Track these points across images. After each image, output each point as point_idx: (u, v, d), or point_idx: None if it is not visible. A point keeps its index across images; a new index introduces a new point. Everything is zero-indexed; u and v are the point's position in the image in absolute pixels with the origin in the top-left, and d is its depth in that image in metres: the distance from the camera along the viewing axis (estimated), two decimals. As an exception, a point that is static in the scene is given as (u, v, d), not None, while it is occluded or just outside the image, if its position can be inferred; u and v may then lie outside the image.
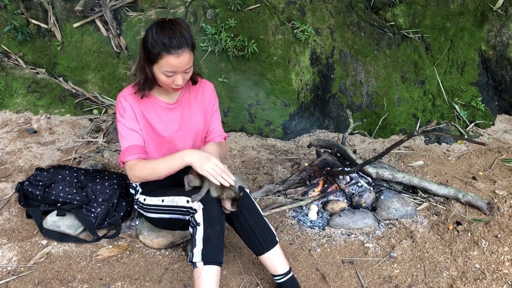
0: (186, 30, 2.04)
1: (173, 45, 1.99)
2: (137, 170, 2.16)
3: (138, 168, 2.15)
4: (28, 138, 3.55)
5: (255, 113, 3.82)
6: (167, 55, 2.01)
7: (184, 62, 2.04)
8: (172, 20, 2.06)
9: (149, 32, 2.04)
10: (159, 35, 2.00)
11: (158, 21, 2.06)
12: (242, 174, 3.33)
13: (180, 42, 2.00)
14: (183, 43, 2.01)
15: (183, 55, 2.02)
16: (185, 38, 2.02)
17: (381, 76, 3.95)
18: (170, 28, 2.01)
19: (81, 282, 2.28)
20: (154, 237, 2.52)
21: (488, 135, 4.01)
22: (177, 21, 2.07)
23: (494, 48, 4.30)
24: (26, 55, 4.01)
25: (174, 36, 1.99)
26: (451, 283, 2.33)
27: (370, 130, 3.95)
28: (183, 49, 2.01)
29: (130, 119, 2.20)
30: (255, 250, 2.20)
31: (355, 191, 3.00)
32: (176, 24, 2.03)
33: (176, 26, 2.02)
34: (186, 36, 2.02)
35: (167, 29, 2.01)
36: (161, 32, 2.00)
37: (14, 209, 2.78)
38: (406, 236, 2.69)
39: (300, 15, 3.81)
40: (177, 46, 2.00)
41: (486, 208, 2.83)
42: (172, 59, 2.02)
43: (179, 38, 2.00)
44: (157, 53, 2.01)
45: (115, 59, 3.92)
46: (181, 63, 2.04)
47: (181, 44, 2.00)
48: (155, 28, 2.02)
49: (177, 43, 2.00)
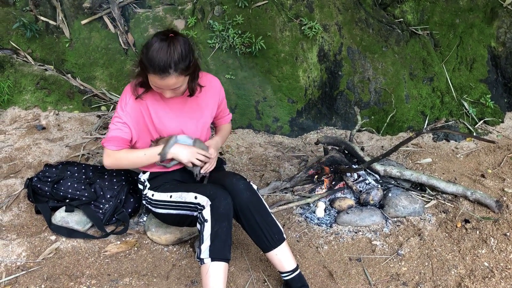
0: (181, 55, 2.01)
1: (158, 69, 2.00)
2: (115, 159, 2.26)
3: (117, 157, 2.25)
4: (36, 134, 3.58)
5: (262, 110, 3.82)
6: (152, 74, 2.05)
7: (168, 84, 2.07)
8: (173, 39, 2.02)
9: (148, 44, 2.04)
10: (150, 54, 2.00)
11: (159, 36, 2.04)
12: (249, 171, 3.33)
13: (166, 67, 2.00)
14: (170, 68, 2.00)
15: (167, 78, 2.04)
16: (174, 63, 2.00)
17: (389, 73, 3.93)
18: (163, 50, 1.99)
19: (89, 277, 2.30)
20: (161, 234, 2.53)
21: (497, 133, 3.98)
22: (176, 42, 2.02)
23: (503, 45, 4.26)
24: (35, 52, 4.03)
25: (162, 60, 1.98)
26: (459, 281, 2.32)
27: (378, 127, 3.93)
28: (168, 74, 2.02)
29: (129, 115, 2.24)
30: (262, 246, 2.20)
31: (363, 189, 3.00)
32: (172, 47, 2.00)
33: (171, 49, 1.99)
34: (177, 61, 2.00)
35: (161, 50, 1.99)
36: (153, 51, 2.00)
37: (23, 205, 2.80)
38: (414, 234, 2.68)
39: (308, 12, 3.79)
40: (162, 70, 2.01)
41: (495, 206, 2.81)
42: (156, 79, 2.06)
43: (167, 63, 1.99)
44: (145, 66, 2.05)
45: (123, 55, 3.93)
46: (165, 85, 2.08)
47: (166, 70, 2.00)
48: (151, 44, 2.02)
49: (163, 68, 2.00)
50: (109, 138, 2.25)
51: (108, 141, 2.25)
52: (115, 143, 2.24)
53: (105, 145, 2.25)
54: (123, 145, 2.26)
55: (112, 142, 2.24)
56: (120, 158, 2.26)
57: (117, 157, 2.25)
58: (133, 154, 2.28)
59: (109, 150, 2.25)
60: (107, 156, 2.26)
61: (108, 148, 2.25)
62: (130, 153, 2.27)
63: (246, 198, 2.16)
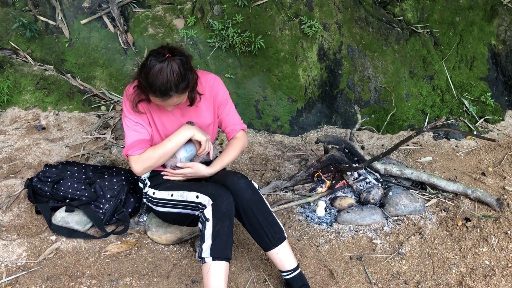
0: (180, 76, 1.98)
1: (159, 92, 1.99)
2: (145, 161, 2.20)
3: (145, 158, 2.20)
4: (36, 134, 3.57)
5: (262, 109, 3.81)
6: (153, 96, 2.04)
7: (170, 103, 2.08)
8: (170, 61, 1.96)
9: (147, 62, 1.98)
10: (150, 78, 1.97)
11: (156, 56, 1.98)
12: (249, 170, 3.33)
13: (166, 90, 1.98)
14: (170, 91, 1.99)
15: (169, 100, 2.04)
16: (175, 85, 1.98)
17: (389, 72, 3.93)
18: (163, 73, 1.95)
19: (89, 277, 2.29)
20: (162, 233, 2.53)
21: (497, 131, 3.97)
22: (173, 63, 1.97)
23: (504, 43, 4.25)
24: (34, 52, 4.03)
25: (162, 84, 1.96)
26: (460, 280, 2.31)
27: (378, 126, 3.93)
28: (169, 96, 2.01)
29: (138, 115, 2.23)
30: (263, 245, 2.20)
31: (363, 187, 2.99)
32: (171, 69, 1.95)
33: (170, 71, 1.95)
34: (177, 82, 1.98)
35: (160, 74, 1.95)
36: (152, 75, 1.96)
37: (23, 205, 2.80)
38: (415, 233, 2.68)
39: (308, 10, 3.79)
40: (163, 93, 2.00)
41: (495, 205, 2.81)
42: (157, 100, 2.06)
43: (168, 86, 1.97)
44: (145, 87, 2.02)
45: (123, 55, 3.92)
46: (167, 104, 2.10)
47: (167, 92, 1.99)
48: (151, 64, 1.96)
49: (164, 91, 1.99)
50: (129, 146, 2.20)
51: (130, 149, 2.20)
52: (137, 147, 2.20)
53: (129, 153, 2.20)
54: (145, 146, 2.22)
55: (134, 147, 2.20)
56: (148, 159, 2.20)
57: (144, 159, 2.20)
58: (159, 148, 2.21)
59: (135, 156, 2.20)
60: (134, 163, 2.20)
61: (133, 155, 2.20)
62: (156, 149, 2.21)
63: (247, 196, 2.16)
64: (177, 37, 3.83)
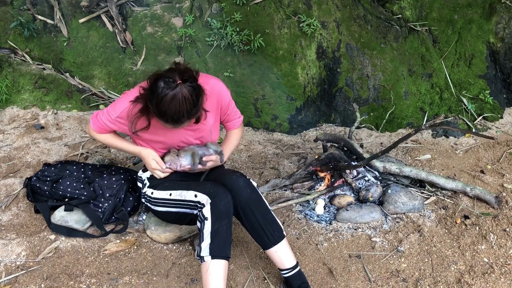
0: (192, 103, 1.94)
1: (171, 120, 1.99)
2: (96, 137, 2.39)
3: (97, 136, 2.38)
4: (35, 133, 3.57)
5: (261, 107, 3.81)
6: (162, 121, 2.04)
7: (181, 128, 2.12)
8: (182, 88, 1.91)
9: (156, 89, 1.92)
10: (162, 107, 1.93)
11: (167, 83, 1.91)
12: (248, 168, 3.33)
13: (179, 118, 1.98)
14: (183, 118, 1.98)
15: (181, 125, 2.06)
16: (187, 112, 1.96)
17: (388, 70, 3.93)
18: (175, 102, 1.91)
19: (89, 276, 2.29)
20: (161, 232, 2.53)
21: (496, 128, 3.98)
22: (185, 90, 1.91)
23: (502, 41, 4.26)
24: (33, 51, 4.02)
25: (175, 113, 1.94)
26: (459, 277, 2.32)
27: (377, 124, 3.93)
28: (181, 123, 2.02)
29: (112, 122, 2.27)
30: (262, 244, 2.20)
31: (362, 185, 2.99)
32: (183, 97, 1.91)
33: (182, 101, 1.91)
34: (189, 110, 1.96)
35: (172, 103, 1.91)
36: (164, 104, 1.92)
37: (22, 205, 2.80)
38: (414, 230, 2.68)
39: (306, 9, 3.78)
40: (176, 121, 2.00)
41: (494, 202, 2.81)
42: (166, 125, 2.07)
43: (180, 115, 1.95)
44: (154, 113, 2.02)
45: (121, 54, 3.92)
46: (177, 129, 2.13)
47: (179, 120, 1.99)
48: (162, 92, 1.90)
49: (176, 119, 1.98)
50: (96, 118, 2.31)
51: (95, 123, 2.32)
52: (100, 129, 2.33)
53: (91, 121, 2.34)
54: (104, 132, 2.35)
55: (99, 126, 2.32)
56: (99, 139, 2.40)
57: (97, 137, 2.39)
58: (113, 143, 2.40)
59: (93, 131, 2.35)
60: (89, 130, 2.40)
61: (93, 128, 2.34)
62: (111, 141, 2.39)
63: (246, 195, 2.16)
64: (175, 35, 3.83)
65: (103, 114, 2.29)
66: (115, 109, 2.24)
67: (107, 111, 2.28)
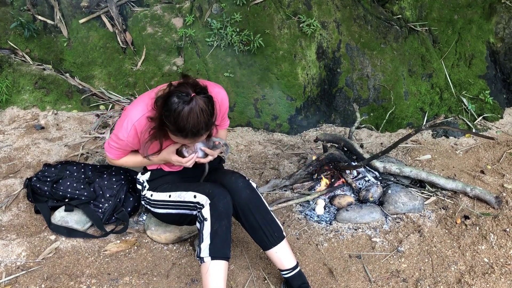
0: (208, 115, 1.92)
1: (191, 134, 1.95)
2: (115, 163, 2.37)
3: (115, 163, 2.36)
4: (35, 134, 3.57)
5: (261, 107, 3.81)
6: (181, 137, 1.99)
7: (198, 141, 2.10)
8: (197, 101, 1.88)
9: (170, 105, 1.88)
10: (180, 122, 1.89)
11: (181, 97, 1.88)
12: (248, 169, 3.33)
13: (198, 131, 1.94)
14: (202, 130, 1.95)
15: (200, 138, 2.04)
16: (205, 124, 1.94)
17: (388, 70, 3.93)
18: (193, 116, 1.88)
19: (89, 277, 2.29)
20: (161, 232, 2.53)
21: (496, 129, 3.98)
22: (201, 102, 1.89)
23: (502, 41, 4.25)
24: (33, 52, 4.02)
25: (194, 127, 1.91)
26: (459, 278, 2.32)
27: (377, 124, 3.93)
28: (199, 136, 2.00)
29: (127, 144, 2.21)
30: (262, 245, 2.20)
31: (362, 186, 2.99)
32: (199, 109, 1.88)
33: (199, 113, 1.88)
34: (207, 121, 1.94)
35: (190, 115, 1.87)
36: (182, 119, 1.88)
37: (22, 205, 2.80)
38: (414, 231, 2.68)
39: (306, 9, 3.79)
40: (195, 134, 1.96)
41: (494, 202, 2.81)
42: (185, 141, 2.04)
43: (199, 127, 1.92)
44: (172, 131, 1.97)
45: (121, 54, 3.92)
46: (196, 142, 2.11)
47: (199, 133, 1.96)
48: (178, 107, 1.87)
49: (196, 133, 1.95)
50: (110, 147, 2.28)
51: (109, 150, 2.29)
52: (115, 155, 2.31)
53: (106, 152, 2.32)
54: (123, 156, 2.33)
55: (113, 153, 2.30)
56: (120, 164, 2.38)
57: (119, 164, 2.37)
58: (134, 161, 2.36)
59: (110, 157, 2.33)
60: (108, 159, 2.38)
61: (109, 156, 2.32)
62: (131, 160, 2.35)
63: (245, 196, 2.16)
64: (175, 36, 3.83)
65: (113, 140, 2.24)
66: (121, 130, 2.16)
67: (115, 134, 2.21)
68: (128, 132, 2.14)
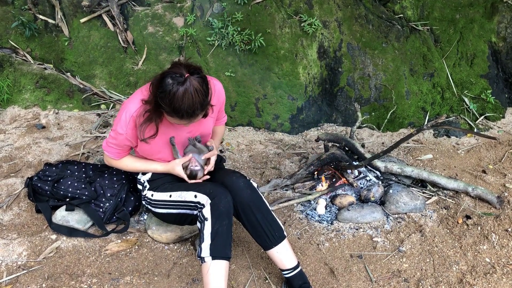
0: (203, 94, 1.93)
1: (186, 115, 1.95)
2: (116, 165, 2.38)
3: (116, 164, 2.37)
4: (36, 133, 3.57)
5: (262, 107, 3.81)
6: (177, 118, 1.99)
7: (194, 122, 2.08)
8: (191, 81, 1.89)
9: (165, 86, 1.89)
10: (175, 103, 1.89)
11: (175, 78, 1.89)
12: (249, 168, 3.33)
13: (194, 112, 1.94)
14: (197, 111, 1.95)
15: (195, 119, 2.03)
16: (200, 104, 1.93)
17: (390, 69, 3.92)
18: (188, 96, 1.88)
19: (90, 276, 2.29)
20: (162, 232, 2.53)
21: (498, 128, 3.97)
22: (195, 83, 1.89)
23: (504, 40, 4.24)
24: (34, 51, 4.02)
25: (189, 107, 1.91)
26: (461, 277, 2.31)
27: (379, 124, 3.93)
28: (195, 116, 1.99)
29: (126, 139, 2.20)
30: (263, 244, 2.19)
31: (364, 185, 2.99)
32: (194, 90, 1.89)
33: (194, 93, 1.89)
34: (202, 101, 1.94)
35: (185, 95, 1.88)
36: (177, 100, 1.88)
37: (23, 204, 2.80)
38: (415, 230, 2.67)
39: (307, 8, 3.78)
40: (191, 115, 1.96)
41: (496, 202, 2.81)
42: (183, 122, 2.03)
43: (194, 107, 1.92)
44: (168, 112, 1.98)
45: (122, 53, 3.92)
46: (190, 123, 2.10)
47: (194, 114, 1.96)
48: (172, 88, 1.88)
49: (191, 114, 1.95)
50: (110, 148, 2.28)
51: (108, 149, 2.30)
52: (116, 154, 2.31)
53: (105, 151, 2.31)
54: (123, 155, 2.33)
55: (112, 153, 2.30)
56: (121, 166, 2.39)
57: (116, 165, 2.38)
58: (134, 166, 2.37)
59: (109, 158, 2.34)
60: (106, 159, 2.39)
61: (108, 156, 2.32)
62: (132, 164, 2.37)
63: (246, 196, 2.16)
64: (176, 35, 3.82)
65: (111, 137, 2.24)
66: (120, 123, 2.16)
67: (114, 131, 2.21)
68: (127, 124, 2.15)
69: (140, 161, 2.36)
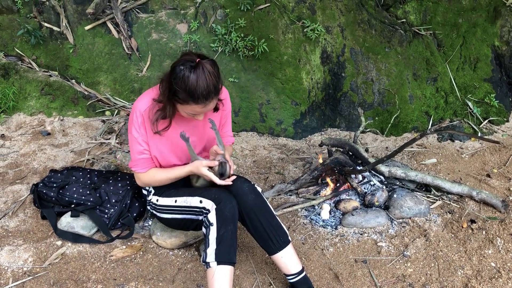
0: (216, 77, 1.96)
1: (202, 97, 1.95)
2: (147, 180, 2.33)
3: (147, 178, 2.32)
4: (42, 140, 3.59)
5: (266, 112, 3.82)
6: (193, 104, 1.99)
7: (209, 108, 2.07)
8: (203, 64, 1.93)
9: (178, 72, 1.93)
10: (190, 86, 1.92)
11: (187, 64, 1.93)
12: (253, 173, 3.33)
13: (209, 94, 1.96)
14: (212, 95, 1.97)
15: (209, 104, 2.02)
16: (214, 87, 1.96)
17: (393, 74, 3.93)
18: (202, 78, 1.91)
19: (95, 282, 2.30)
20: (167, 237, 2.53)
21: (502, 132, 3.96)
22: (207, 66, 1.93)
23: (507, 44, 4.24)
24: (39, 58, 4.05)
25: (204, 89, 1.93)
26: (466, 282, 2.30)
27: (382, 128, 3.93)
28: (211, 100, 2.00)
29: (144, 135, 2.22)
30: (267, 249, 2.20)
31: (368, 190, 2.99)
32: (207, 72, 1.92)
33: (208, 75, 1.92)
34: (216, 84, 1.96)
35: (199, 78, 1.91)
36: (192, 83, 1.91)
37: (29, 211, 2.82)
38: (420, 235, 2.67)
39: (310, 14, 3.80)
40: (206, 98, 1.96)
41: (501, 206, 2.80)
42: (198, 108, 2.02)
43: (210, 89, 1.94)
44: (183, 99, 1.98)
45: (127, 60, 3.94)
46: (206, 110, 2.07)
47: (209, 96, 1.97)
48: (186, 73, 1.92)
49: (207, 96, 1.95)
50: (134, 162, 2.28)
51: (134, 165, 2.28)
52: (141, 166, 2.28)
53: (132, 169, 2.30)
54: (149, 165, 2.29)
55: (138, 165, 2.28)
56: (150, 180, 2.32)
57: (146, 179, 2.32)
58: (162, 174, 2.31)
59: (138, 174, 2.31)
60: (137, 178, 2.35)
61: (137, 172, 2.30)
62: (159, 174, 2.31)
63: (251, 201, 2.16)
64: (180, 42, 3.85)
65: (131, 149, 2.26)
66: (133, 126, 2.19)
67: (130, 140, 2.23)
68: (139, 123, 2.18)
69: (164, 170, 2.33)
